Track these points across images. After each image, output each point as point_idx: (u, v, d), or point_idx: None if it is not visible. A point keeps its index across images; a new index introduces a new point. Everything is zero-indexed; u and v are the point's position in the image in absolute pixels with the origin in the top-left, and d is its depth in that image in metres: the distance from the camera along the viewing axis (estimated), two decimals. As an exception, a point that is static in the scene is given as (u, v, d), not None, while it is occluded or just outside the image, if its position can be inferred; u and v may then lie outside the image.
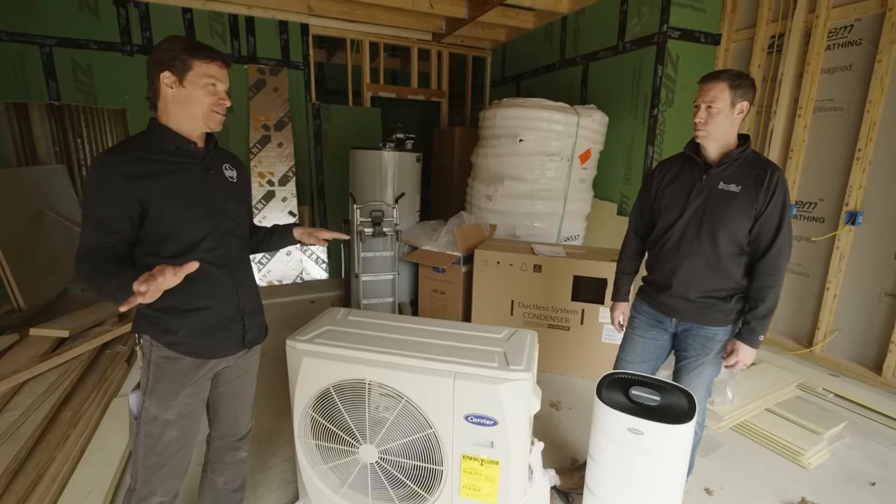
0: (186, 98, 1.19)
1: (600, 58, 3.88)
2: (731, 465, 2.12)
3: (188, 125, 1.23)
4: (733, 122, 1.55)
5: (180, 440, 1.31)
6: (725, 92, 1.52)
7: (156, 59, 1.17)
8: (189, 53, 1.16)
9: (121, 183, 1.13)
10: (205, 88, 1.19)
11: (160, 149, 1.21)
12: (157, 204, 1.17)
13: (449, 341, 1.60)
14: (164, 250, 1.20)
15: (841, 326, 2.96)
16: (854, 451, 2.24)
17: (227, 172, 1.36)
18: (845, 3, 2.81)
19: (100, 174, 1.14)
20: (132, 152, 1.18)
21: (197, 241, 1.24)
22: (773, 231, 1.51)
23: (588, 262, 2.78)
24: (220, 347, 1.34)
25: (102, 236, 1.14)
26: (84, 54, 4.04)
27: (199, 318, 1.27)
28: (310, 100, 4.84)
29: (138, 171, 1.15)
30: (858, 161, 2.76)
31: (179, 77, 1.17)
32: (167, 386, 1.26)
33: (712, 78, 1.55)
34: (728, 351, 1.62)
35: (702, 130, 1.56)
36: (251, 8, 4.42)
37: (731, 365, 1.60)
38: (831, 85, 2.93)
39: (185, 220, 1.21)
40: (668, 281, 1.67)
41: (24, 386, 2.11)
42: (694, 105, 1.59)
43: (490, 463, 1.45)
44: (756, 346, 1.57)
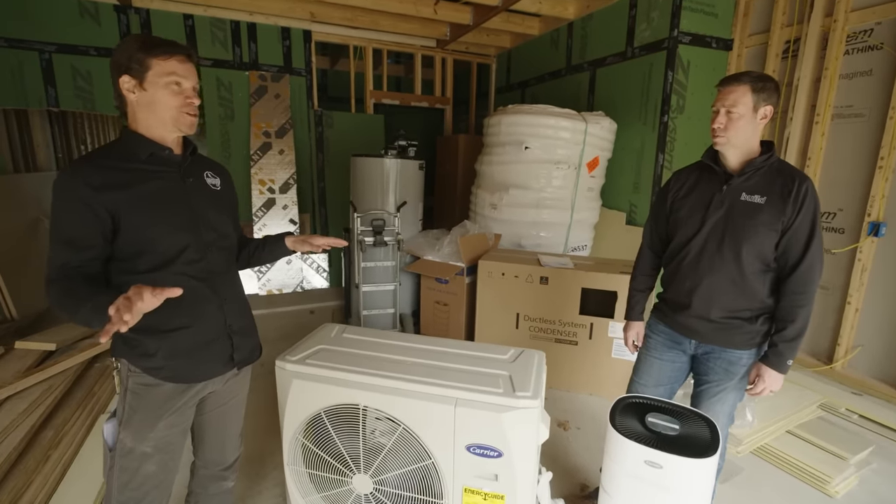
0: (150, 101, 1.09)
1: (608, 63, 3.79)
2: (751, 492, 1.98)
3: (159, 130, 1.13)
4: (756, 128, 1.44)
5: (158, 476, 1.20)
6: (748, 95, 1.40)
7: (113, 62, 1.08)
8: (145, 52, 1.06)
9: (89, 194, 1.03)
10: (167, 88, 1.09)
11: (132, 156, 1.12)
12: (129, 215, 1.07)
13: (450, 363, 1.49)
14: (140, 265, 1.11)
15: (863, 342, 2.82)
16: (882, 477, 2.10)
17: (208, 180, 1.27)
18: (865, 6, 2.70)
19: (66, 186, 1.04)
20: (100, 161, 1.09)
21: (175, 253, 1.14)
22: (803, 245, 1.39)
23: (597, 275, 2.67)
24: (204, 370, 1.24)
25: (72, 253, 1.05)
26: (84, 61, 4.00)
27: (179, 338, 1.17)
28: (312, 107, 4.78)
29: (107, 181, 1.06)
30: (881, 170, 2.64)
31: (139, 80, 1.07)
32: (144, 416, 1.15)
33: (733, 80, 1.43)
34: (752, 377, 1.49)
35: (721, 136, 1.45)
36: (253, 14, 4.38)
37: (756, 392, 1.47)
38: (851, 91, 2.81)
39: (161, 231, 1.12)
40: (688, 300, 1.55)
41: (6, 403, 2.01)
42: (713, 110, 1.48)
43: (494, 497, 1.33)
44: (784, 372, 1.44)
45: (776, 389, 1.46)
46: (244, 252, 1.45)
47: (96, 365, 2.60)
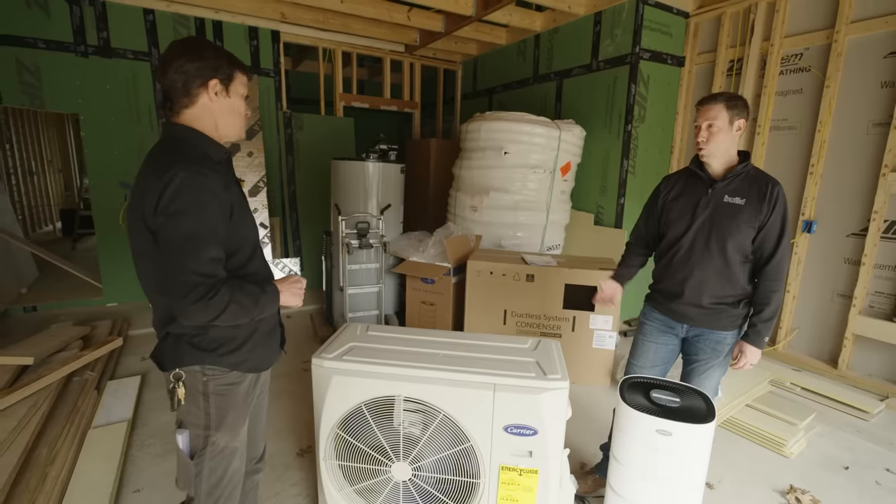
0: (229, 108, 1.17)
1: (574, 75, 4.06)
2: (724, 459, 2.25)
3: (225, 134, 1.20)
4: (733, 139, 1.68)
5: (241, 469, 1.27)
6: (723, 112, 1.64)
7: (199, 65, 1.10)
8: (234, 64, 1.16)
9: (221, 195, 1.08)
10: (243, 99, 1.20)
11: (208, 158, 1.14)
12: (235, 214, 1.14)
13: (478, 353, 1.61)
14: (232, 262, 1.16)
15: (800, 325, 3.24)
16: (825, 439, 2.46)
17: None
18: (796, 33, 3.13)
19: (203, 187, 1.04)
20: (208, 163, 1.11)
21: (252, 249, 1.23)
22: (776, 240, 1.65)
23: (579, 271, 2.88)
24: (272, 356, 1.33)
25: (221, 252, 1.08)
26: (31, 54, 3.71)
27: (259, 328, 1.25)
28: (280, 108, 4.71)
29: (225, 182, 1.11)
30: (812, 175, 3.06)
31: (226, 86, 1.15)
32: (237, 413, 1.21)
33: (710, 100, 1.67)
34: (736, 353, 1.73)
35: (705, 148, 1.68)
36: (219, 12, 4.25)
37: (740, 366, 1.71)
38: (785, 106, 3.23)
39: (248, 228, 1.21)
40: (680, 289, 1.77)
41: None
42: (695, 125, 1.71)
43: (529, 472, 1.47)
44: (762, 347, 1.69)
45: (755, 363, 1.72)
46: None
47: (75, 379, 2.46)
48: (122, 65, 4.00)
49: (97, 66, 3.93)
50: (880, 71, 2.79)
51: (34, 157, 7.19)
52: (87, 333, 3.04)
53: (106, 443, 2.10)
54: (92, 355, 2.58)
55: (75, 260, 5.31)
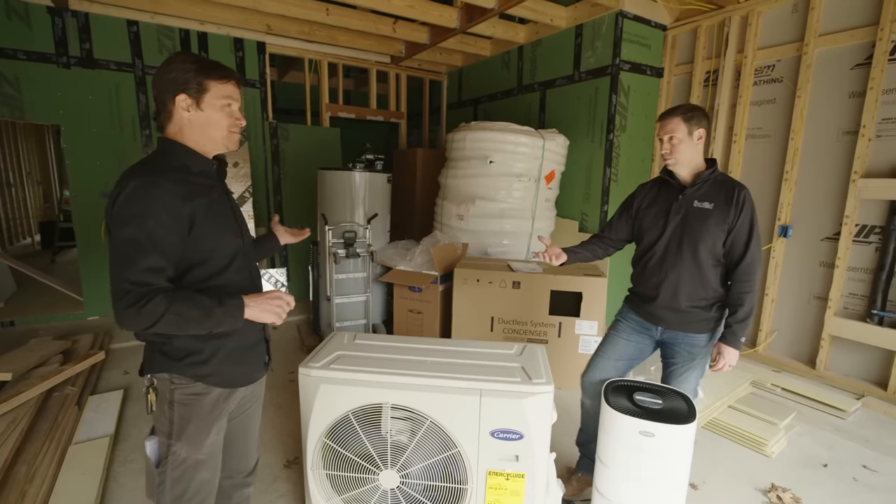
0: (204, 121, 1.14)
1: (557, 85, 4.15)
2: (707, 459, 2.29)
3: (205, 147, 1.19)
4: (696, 148, 1.75)
5: (210, 481, 1.23)
6: (681, 124, 1.72)
7: (168, 80, 1.11)
8: (204, 74, 1.12)
9: (176, 204, 1.06)
10: (222, 111, 1.16)
11: (185, 169, 1.15)
12: (199, 226, 1.12)
13: (464, 359, 1.63)
14: (198, 273, 1.15)
15: (779, 327, 3.32)
16: (805, 437, 2.52)
17: (234, 193, 1.34)
18: (768, 45, 3.25)
19: (151, 196, 1.04)
20: (170, 173, 1.11)
21: (227, 262, 1.21)
22: (745, 242, 1.71)
23: (564, 278, 2.93)
24: (248, 374, 1.31)
25: (162, 261, 1.05)
26: (11, 65, 3.67)
27: (231, 343, 1.22)
28: (266, 118, 4.71)
29: (187, 192, 1.10)
30: (787, 181, 3.16)
31: (196, 100, 1.12)
32: (198, 424, 1.18)
33: (668, 114, 1.76)
34: (714, 355, 1.78)
35: (671, 159, 1.76)
36: (204, 24, 4.26)
37: (719, 367, 1.76)
38: (760, 115, 3.35)
39: (220, 242, 1.18)
40: (655, 293, 1.82)
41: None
42: (658, 138, 1.79)
43: (516, 477, 1.48)
44: (739, 348, 1.74)
45: (734, 364, 1.76)
46: None
47: (55, 394, 2.41)
48: (105, 76, 3.97)
49: (79, 77, 3.90)
50: (848, 82, 2.91)
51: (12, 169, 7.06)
52: (67, 348, 2.98)
53: (87, 459, 2.06)
54: (73, 370, 2.53)
55: (55, 273, 5.21)
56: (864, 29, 2.79)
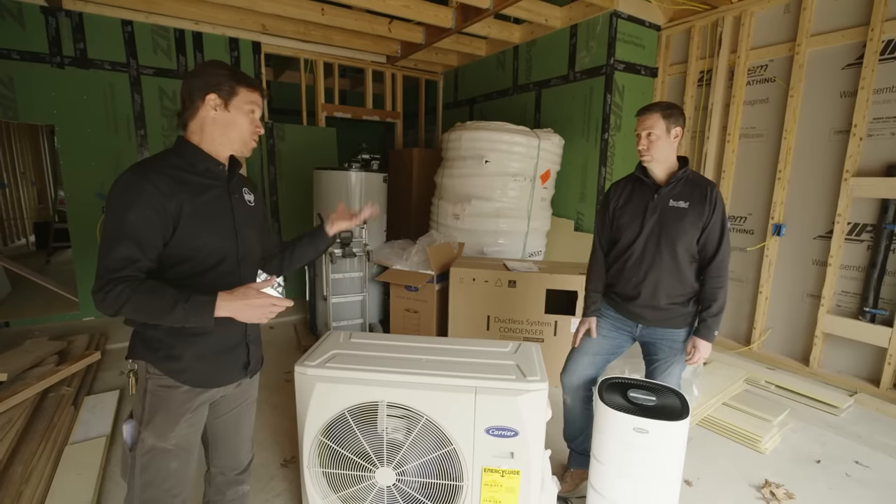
0: (228, 122, 1.19)
1: (552, 85, 4.16)
2: (702, 456, 2.31)
3: (221, 147, 1.22)
4: (672, 146, 1.77)
5: (179, 472, 1.24)
6: (660, 121, 1.73)
7: (201, 81, 1.17)
8: (236, 80, 1.19)
9: (158, 199, 1.09)
10: (247, 115, 1.21)
11: (189, 167, 1.19)
12: (185, 223, 1.14)
13: (460, 357, 1.63)
14: (181, 270, 1.17)
15: (773, 325, 3.35)
16: (798, 434, 2.54)
17: (246, 196, 1.35)
18: (761, 45, 3.27)
19: (135, 188, 1.08)
20: (164, 169, 1.14)
21: (214, 263, 1.21)
22: (718, 239, 1.74)
23: (559, 276, 2.94)
24: (224, 375, 1.30)
25: (138, 253, 1.08)
26: (4, 65, 3.66)
27: (205, 343, 1.23)
28: (262, 118, 4.70)
29: (174, 188, 1.13)
30: (780, 180, 3.19)
31: (225, 101, 1.18)
32: (165, 416, 1.19)
33: (647, 110, 1.77)
34: (689, 348, 1.80)
35: (647, 155, 1.77)
36: (199, 24, 4.25)
37: (694, 361, 1.78)
38: (753, 115, 3.37)
39: (208, 241, 1.19)
40: (636, 292, 1.83)
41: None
42: (636, 134, 1.80)
43: (511, 473, 1.49)
44: (712, 341, 1.77)
45: (707, 356, 1.79)
46: (283, 257, 1.52)
47: (51, 394, 2.40)
48: (100, 76, 3.96)
49: (74, 76, 3.89)
50: (840, 81, 2.93)
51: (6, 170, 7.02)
52: (63, 348, 2.97)
53: (84, 459, 2.06)
54: (68, 370, 2.53)
55: (50, 274, 5.18)
56: (856, 29, 2.82)
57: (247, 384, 1.40)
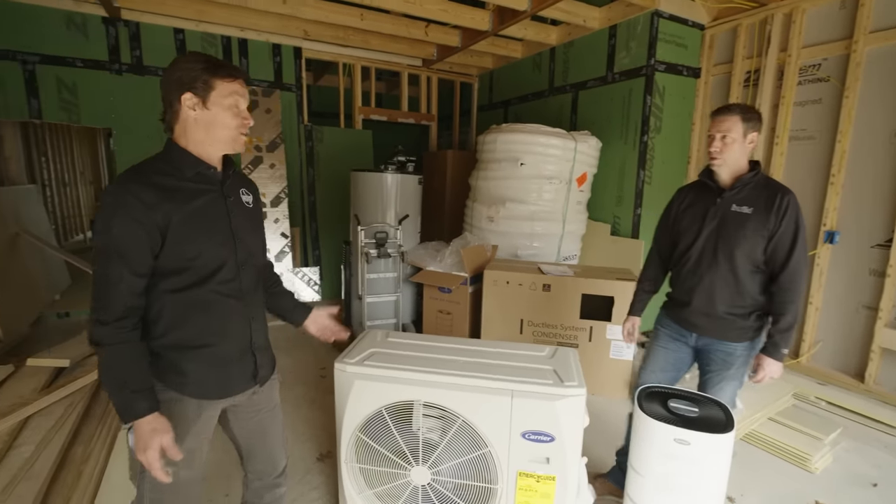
0: (210, 120, 1.11)
1: (590, 86, 4.10)
2: (746, 472, 2.22)
3: (210, 148, 1.15)
4: (745, 151, 1.70)
5: (191, 479, 1.23)
6: (739, 124, 1.66)
7: (174, 79, 1.09)
8: (211, 73, 1.09)
9: (142, 212, 1.04)
10: (230, 110, 1.12)
11: (178, 173, 1.13)
12: (175, 233, 1.08)
13: (496, 360, 1.64)
14: (178, 281, 1.12)
15: (823, 338, 3.18)
16: (852, 454, 2.40)
17: (243, 198, 1.28)
18: (813, 43, 3.12)
19: (117, 203, 1.04)
20: (149, 177, 1.09)
21: (212, 271, 1.16)
22: (788, 249, 1.64)
23: (596, 281, 2.89)
24: (230, 386, 1.26)
25: (126, 270, 1.04)
26: (69, 72, 3.92)
27: (210, 354, 1.19)
28: (302, 121, 4.85)
29: (158, 198, 1.07)
30: (833, 185, 3.03)
31: (202, 99, 1.09)
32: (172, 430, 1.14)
33: (725, 111, 1.69)
34: (755, 366, 1.72)
35: (718, 158, 1.69)
36: (245, 30, 4.43)
37: (759, 379, 1.70)
38: (804, 116, 3.21)
39: (202, 249, 1.13)
40: (688, 298, 1.78)
41: (30, 420, 1.97)
42: (708, 135, 1.73)
43: (546, 479, 1.48)
44: (781, 360, 1.68)
45: (776, 376, 1.70)
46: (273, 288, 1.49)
47: (106, 381, 2.55)
48: (154, 82, 4.18)
49: (130, 83, 4.12)
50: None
51: (67, 170, 7.50)
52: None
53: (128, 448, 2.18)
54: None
55: (104, 268, 5.48)
56: (922, 25, 2.65)
57: (266, 391, 1.37)
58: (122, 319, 1.05)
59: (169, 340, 1.13)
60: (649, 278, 2.02)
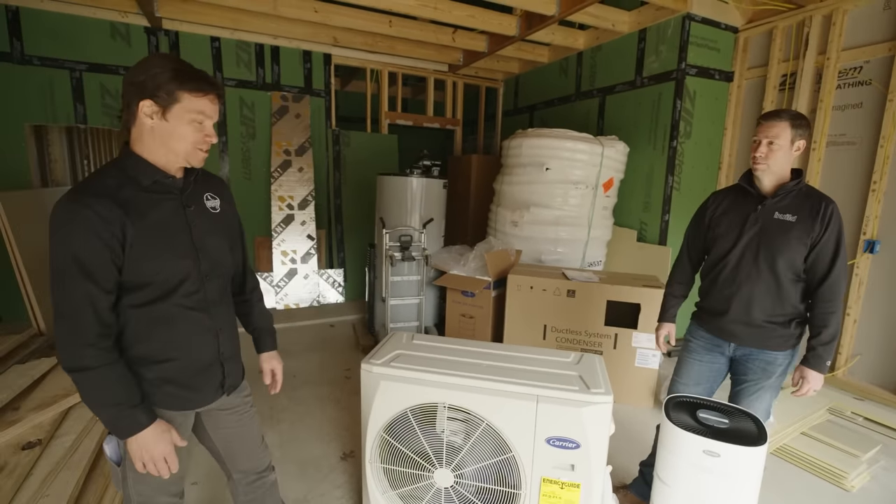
0: (168, 133, 1.04)
1: (617, 91, 4.06)
2: (777, 488, 2.15)
3: (164, 159, 1.08)
4: (790, 158, 1.65)
5: (171, 482, 1.23)
6: (787, 130, 1.61)
7: (136, 82, 1.01)
8: (178, 84, 1.01)
9: (101, 225, 0.98)
10: (191, 125, 1.06)
11: (134, 182, 1.06)
12: (135, 246, 1.03)
13: (521, 365, 1.64)
14: (140, 297, 1.08)
15: (861, 351, 3.05)
16: (892, 473, 2.29)
17: (208, 203, 1.22)
18: (855, 45, 3.01)
19: (74, 218, 0.97)
20: (104, 188, 1.02)
21: (175, 284, 1.11)
22: (830, 259, 1.60)
23: (622, 288, 2.85)
24: (196, 398, 1.23)
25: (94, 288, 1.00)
26: (113, 79, 4.11)
27: (174, 368, 1.16)
28: (329, 126, 4.95)
29: (113, 211, 1.00)
30: (874, 192, 2.91)
31: (163, 108, 1.02)
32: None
33: (775, 116, 1.64)
34: (796, 379, 1.67)
35: (762, 164, 1.65)
36: (277, 38, 4.56)
37: (802, 393, 1.65)
38: (843, 121, 3.10)
39: (163, 263, 1.08)
40: (726, 306, 1.74)
41: (72, 411, 2.07)
42: (754, 140, 1.68)
43: (571, 486, 1.47)
44: (824, 372, 1.63)
45: (818, 388, 1.65)
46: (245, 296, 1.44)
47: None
48: (190, 88, 4.34)
49: (168, 89, 4.29)
50: (950, 84, 2.64)
51: (107, 172, 7.83)
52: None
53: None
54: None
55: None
56: (972, 26, 2.53)
57: (239, 396, 1.36)
58: (102, 339, 1.02)
59: (132, 354, 1.10)
60: (679, 282, 1.99)
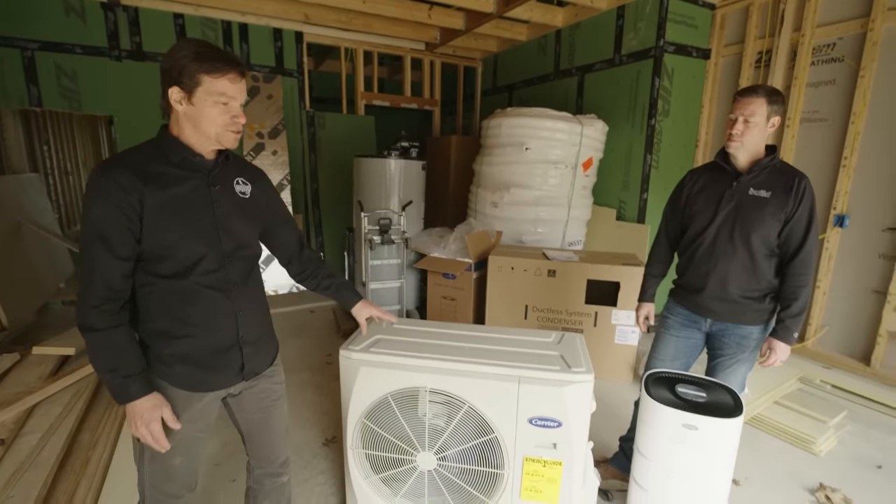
0: (196, 116, 1.09)
1: (596, 69, 4.03)
2: (751, 455, 2.22)
3: (197, 141, 1.14)
4: (765, 135, 1.65)
5: (186, 466, 1.23)
6: (763, 107, 1.60)
7: (165, 69, 1.08)
8: (198, 66, 1.05)
9: (119, 194, 1.04)
10: (216, 107, 1.09)
11: (163, 158, 1.12)
12: (152, 218, 1.07)
13: (502, 346, 1.63)
14: (161, 269, 1.11)
15: (830, 322, 3.16)
16: (857, 437, 2.40)
17: (237, 187, 1.24)
18: (829, 22, 3.04)
19: (96, 186, 1.05)
20: (133, 160, 1.09)
21: (193, 262, 1.13)
22: (803, 233, 1.62)
23: (601, 267, 2.87)
24: (213, 380, 1.23)
25: (107, 253, 1.05)
26: (69, 59, 3.88)
27: (191, 345, 1.17)
28: (304, 107, 4.80)
29: (134, 181, 1.06)
30: (844, 168, 2.97)
31: (188, 94, 1.07)
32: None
33: (751, 92, 1.62)
34: (764, 350, 1.71)
35: (736, 141, 1.64)
36: (245, 15, 4.36)
37: (770, 363, 1.69)
38: (817, 98, 3.14)
39: (180, 238, 1.11)
40: (703, 283, 1.75)
41: (37, 408, 1.99)
42: (730, 117, 1.67)
43: (553, 464, 1.48)
44: (791, 344, 1.67)
45: (785, 359, 1.69)
46: (304, 276, 1.51)
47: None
48: (154, 68, 4.14)
49: (130, 69, 4.08)
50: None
51: (69, 158, 7.48)
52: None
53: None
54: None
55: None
56: (941, 1, 2.57)
57: (269, 382, 1.37)
58: (107, 302, 1.06)
59: (154, 327, 1.14)
60: (658, 261, 2.00)
